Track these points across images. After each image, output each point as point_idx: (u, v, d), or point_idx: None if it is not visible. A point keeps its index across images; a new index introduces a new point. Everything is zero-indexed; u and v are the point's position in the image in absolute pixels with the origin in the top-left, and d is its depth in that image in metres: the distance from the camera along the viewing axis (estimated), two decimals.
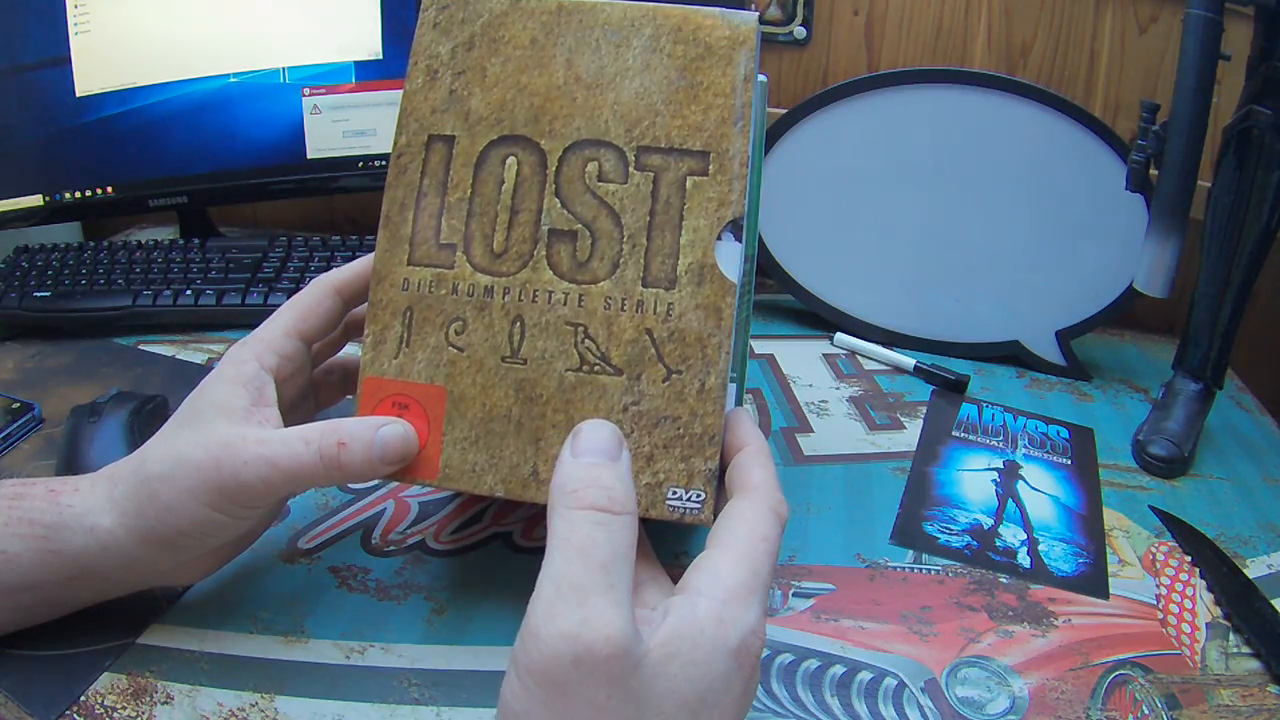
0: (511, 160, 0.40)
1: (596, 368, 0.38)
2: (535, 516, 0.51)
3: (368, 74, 0.85)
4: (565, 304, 0.38)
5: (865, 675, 0.42)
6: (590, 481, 0.30)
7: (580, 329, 0.38)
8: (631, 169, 0.39)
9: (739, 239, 0.38)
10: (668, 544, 0.49)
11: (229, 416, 0.36)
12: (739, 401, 0.52)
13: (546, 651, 0.27)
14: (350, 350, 0.46)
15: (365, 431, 0.36)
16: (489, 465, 0.38)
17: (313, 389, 0.45)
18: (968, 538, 0.52)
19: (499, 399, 0.38)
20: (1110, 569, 0.50)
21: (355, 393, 0.40)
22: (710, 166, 0.39)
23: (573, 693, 0.26)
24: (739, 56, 0.40)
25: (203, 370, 0.67)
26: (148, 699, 0.39)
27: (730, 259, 0.38)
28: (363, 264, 0.42)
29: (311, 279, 0.44)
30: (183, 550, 0.38)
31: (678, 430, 0.37)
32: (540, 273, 0.39)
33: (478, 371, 0.39)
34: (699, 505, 0.36)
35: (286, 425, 0.38)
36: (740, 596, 0.30)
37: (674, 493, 0.36)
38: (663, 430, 0.37)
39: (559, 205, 0.39)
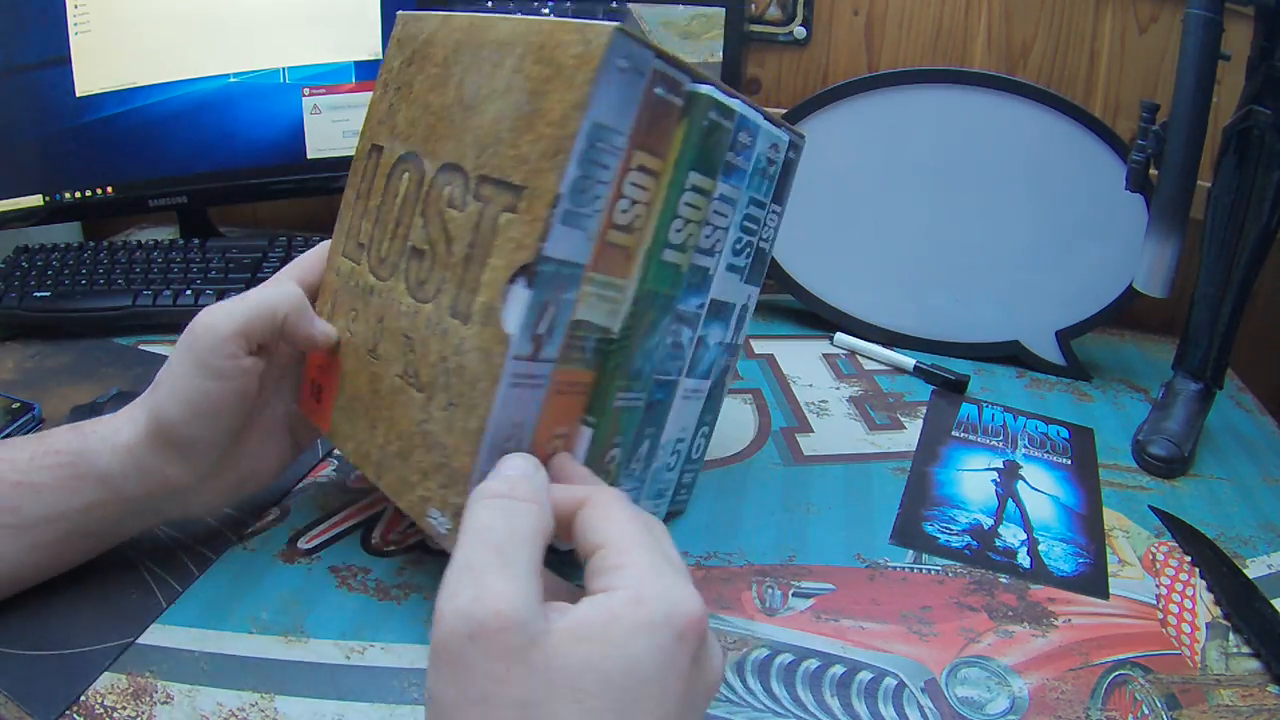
0: (406, 175, 0.42)
1: (411, 381, 0.39)
2: None
3: (368, 74, 0.85)
4: (406, 317, 0.40)
5: (865, 675, 0.42)
6: (494, 478, 0.33)
7: (410, 342, 0.40)
8: (470, 197, 0.38)
9: (530, 286, 0.35)
10: None
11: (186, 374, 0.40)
12: (670, 497, 0.49)
13: (446, 630, 0.27)
14: None
15: (308, 312, 0.44)
16: (349, 434, 0.43)
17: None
18: (968, 538, 0.52)
19: (361, 384, 0.42)
20: (1110, 569, 0.50)
21: None
22: (520, 204, 0.35)
23: (472, 666, 0.27)
24: (579, 78, 0.34)
25: None
26: (148, 699, 0.39)
27: (515, 307, 0.35)
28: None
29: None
30: (191, 451, 0.41)
31: (444, 458, 0.37)
32: (399, 284, 0.41)
33: (355, 357, 0.43)
34: (445, 532, 0.37)
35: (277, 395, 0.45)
36: (652, 577, 0.29)
37: (433, 512, 0.37)
38: (434, 454, 0.37)
39: (420, 224, 0.40)
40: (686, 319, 0.43)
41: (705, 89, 0.38)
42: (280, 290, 0.43)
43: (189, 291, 0.74)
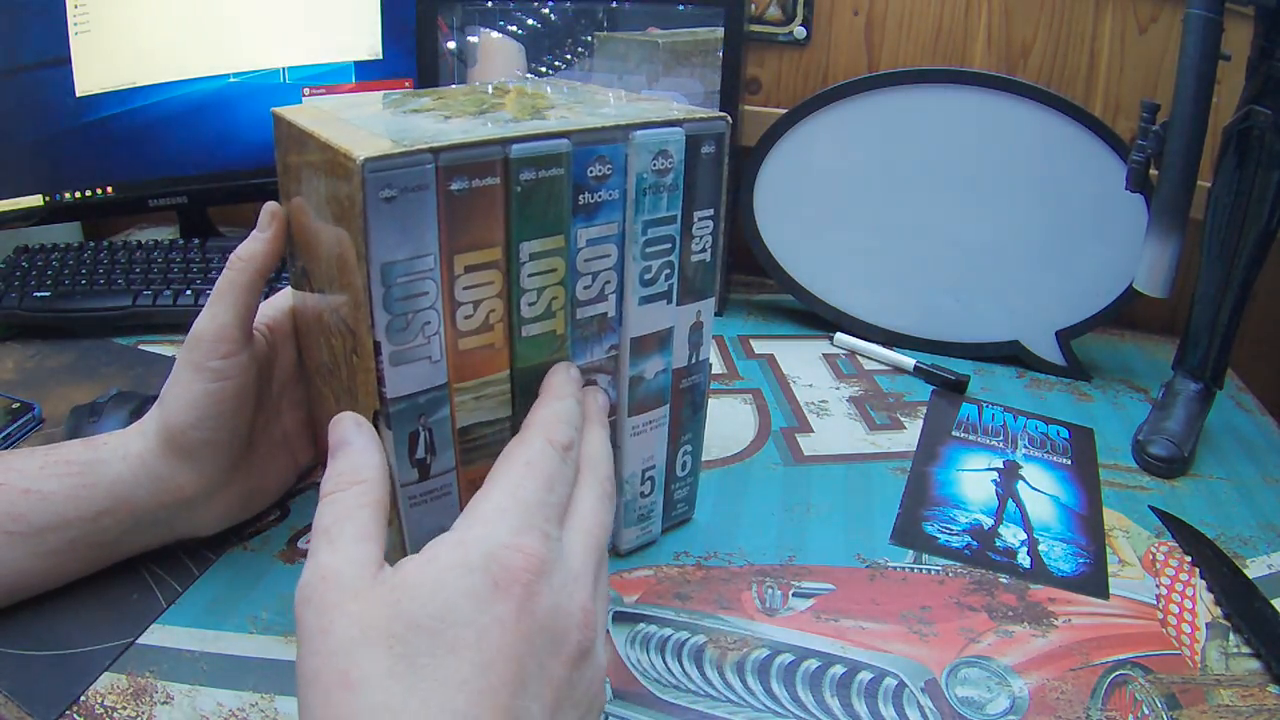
0: (308, 288, 0.42)
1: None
2: None
3: (368, 74, 0.85)
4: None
5: (865, 675, 0.42)
6: (325, 478, 0.34)
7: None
8: (337, 328, 0.37)
9: (390, 426, 0.35)
10: (667, 545, 0.49)
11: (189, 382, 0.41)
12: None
13: (297, 600, 0.29)
14: None
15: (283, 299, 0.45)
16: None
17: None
18: (968, 538, 0.52)
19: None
20: (1110, 569, 0.50)
21: None
22: (358, 348, 0.34)
23: (306, 625, 0.28)
24: (355, 222, 0.31)
25: None
26: (148, 699, 0.39)
27: (387, 443, 0.35)
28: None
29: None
30: (200, 457, 0.41)
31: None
32: (328, 390, 0.42)
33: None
34: None
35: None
36: (487, 518, 0.30)
37: None
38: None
39: (323, 342, 0.40)
40: (597, 369, 0.41)
41: (519, 153, 0.33)
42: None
43: (189, 291, 0.74)
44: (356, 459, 0.33)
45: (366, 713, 0.26)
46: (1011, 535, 0.52)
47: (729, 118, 0.40)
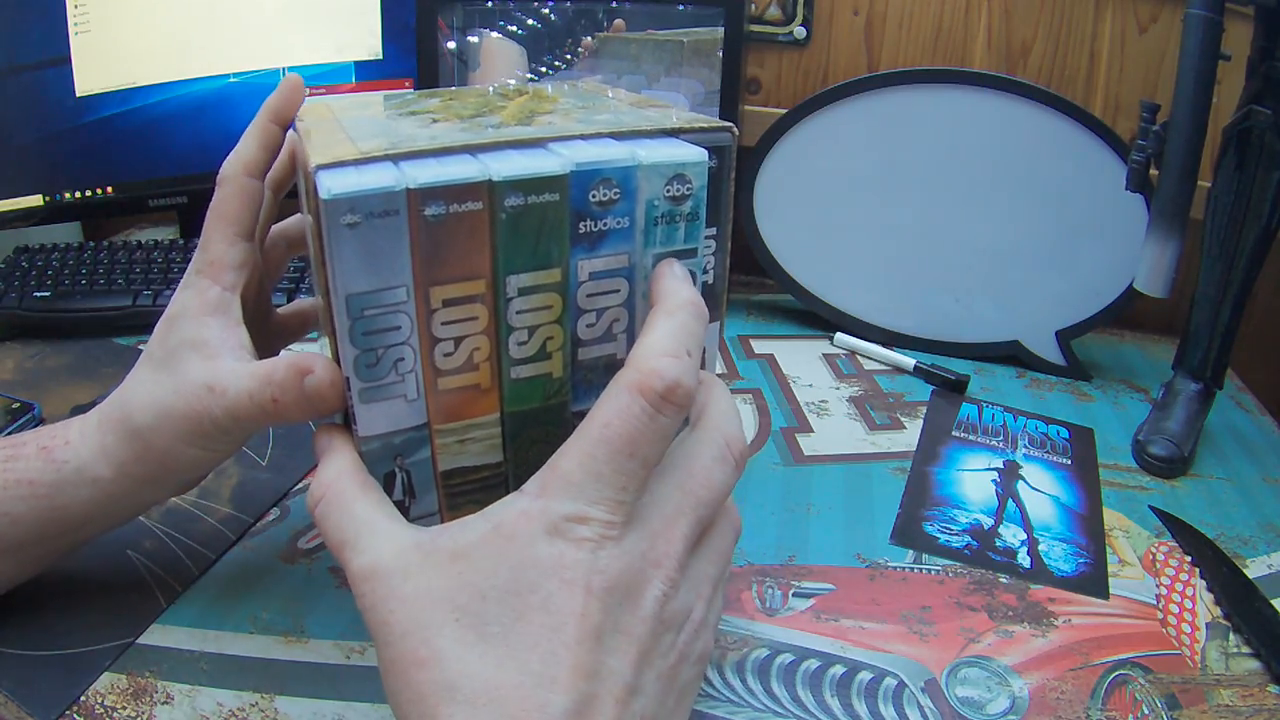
0: None
1: None
2: None
3: (368, 74, 0.85)
4: None
5: (865, 675, 0.42)
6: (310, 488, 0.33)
7: None
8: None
9: (367, 463, 0.33)
10: None
11: (202, 353, 0.36)
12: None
13: (359, 608, 0.29)
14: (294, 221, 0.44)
15: (328, 365, 0.36)
16: None
17: (265, 271, 0.43)
18: (968, 538, 0.52)
19: None
20: (1110, 569, 0.50)
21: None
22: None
23: (370, 626, 0.28)
24: (319, 249, 0.29)
25: None
26: (148, 699, 0.39)
27: None
28: (260, 130, 0.39)
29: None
30: (178, 484, 0.40)
31: None
32: None
33: None
34: None
35: (250, 322, 0.39)
36: (554, 488, 0.28)
37: None
38: None
39: None
40: None
41: (505, 175, 0.29)
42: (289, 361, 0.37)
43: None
44: (338, 461, 0.32)
45: (444, 685, 0.26)
46: (1011, 535, 0.52)
47: (735, 128, 0.35)
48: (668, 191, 0.32)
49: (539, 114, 0.36)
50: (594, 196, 0.31)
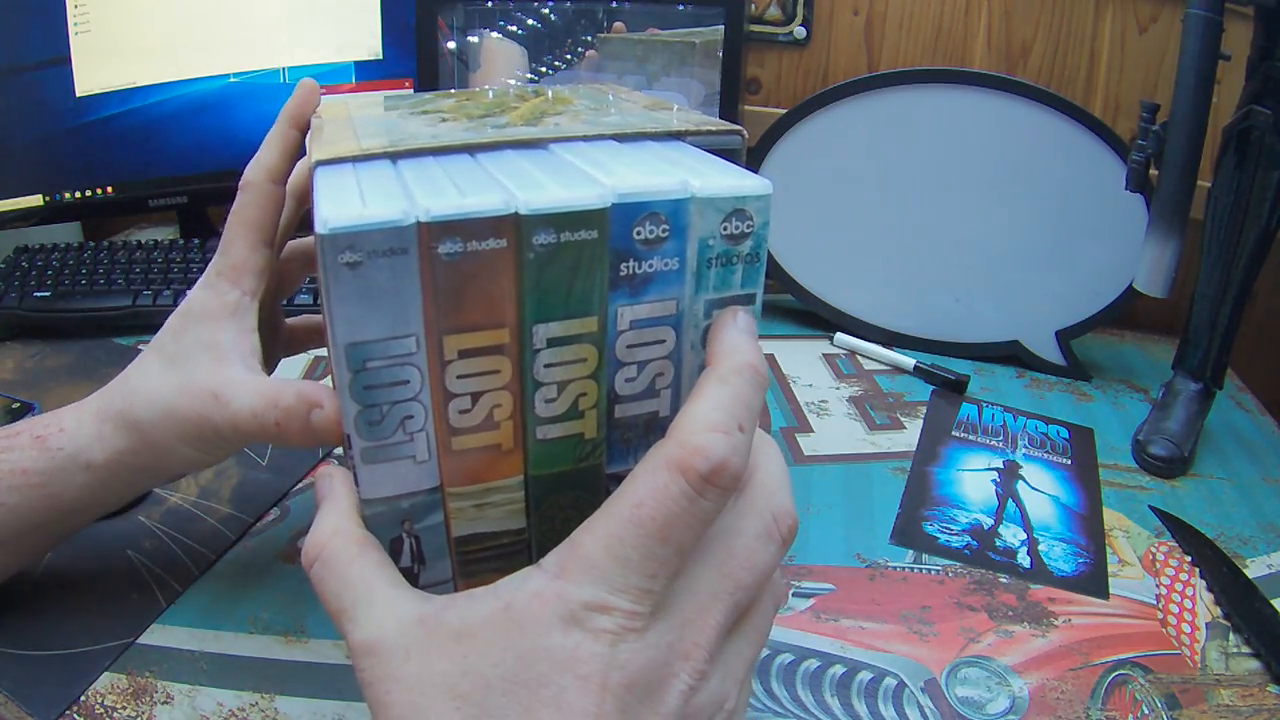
0: None
1: None
2: None
3: (368, 74, 0.85)
4: None
5: (865, 675, 0.42)
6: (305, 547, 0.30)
7: None
8: None
9: (369, 528, 0.30)
10: None
11: (213, 355, 0.36)
12: None
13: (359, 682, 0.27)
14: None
15: (336, 403, 0.34)
16: None
17: (280, 282, 0.43)
18: (968, 538, 0.52)
19: None
20: (1110, 569, 0.50)
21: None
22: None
23: (368, 701, 0.26)
24: (323, 290, 0.26)
25: None
26: (148, 699, 0.39)
27: None
28: (280, 136, 0.39)
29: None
30: (169, 477, 0.41)
31: None
32: None
33: None
34: None
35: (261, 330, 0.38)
36: (575, 572, 0.25)
37: None
38: None
39: None
40: None
41: (536, 209, 0.25)
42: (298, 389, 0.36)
43: (189, 291, 0.74)
44: (334, 517, 0.29)
45: None
46: (1011, 535, 0.52)
47: (744, 131, 0.32)
48: (724, 229, 0.27)
49: (550, 115, 0.34)
50: (639, 234, 0.26)
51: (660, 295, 0.28)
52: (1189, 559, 0.51)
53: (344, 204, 0.24)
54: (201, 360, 0.36)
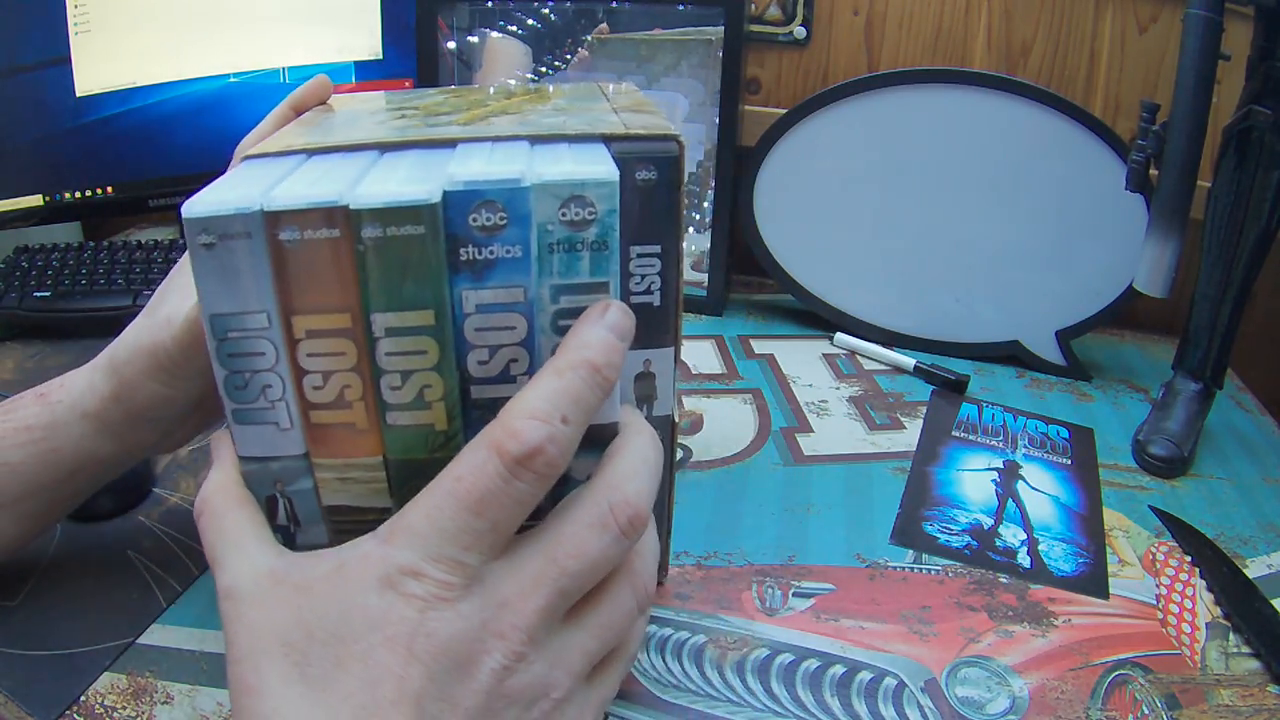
0: None
1: None
2: None
3: (368, 74, 0.85)
4: None
5: (865, 675, 0.42)
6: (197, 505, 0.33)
7: None
8: None
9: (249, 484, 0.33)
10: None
11: (183, 295, 0.37)
12: None
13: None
14: None
15: None
16: None
17: None
18: (968, 538, 0.52)
19: None
20: (1110, 569, 0.50)
21: None
22: None
23: (224, 639, 0.28)
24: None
25: None
26: (148, 699, 0.39)
27: None
28: (279, 117, 0.42)
29: None
30: (158, 422, 0.40)
31: None
32: None
33: None
34: None
35: None
36: (398, 537, 0.27)
37: None
38: None
39: None
40: None
41: (363, 202, 0.26)
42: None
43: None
44: (218, 475, 0.31)
45: (263, 717, 0.26)
46: (1011, 535, 0.52)
47: (681, 138, 0.31)
48: (563, 215, 0.28)
49: (508, 114, 0.34)
50: (475, 220, 0.27)
51: (505, 281, 0.28)
52: (1189, 559, 0.51)
53: (214, 191, 0.27)
54: (172, 300, 0.37)
